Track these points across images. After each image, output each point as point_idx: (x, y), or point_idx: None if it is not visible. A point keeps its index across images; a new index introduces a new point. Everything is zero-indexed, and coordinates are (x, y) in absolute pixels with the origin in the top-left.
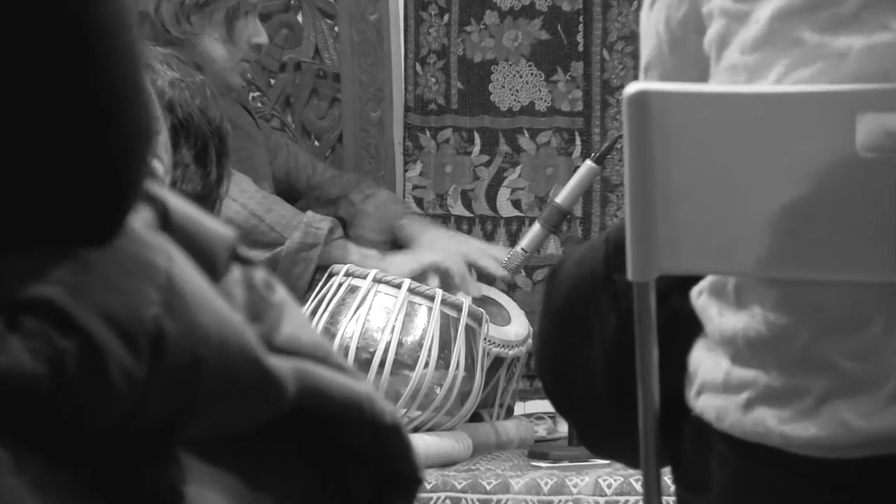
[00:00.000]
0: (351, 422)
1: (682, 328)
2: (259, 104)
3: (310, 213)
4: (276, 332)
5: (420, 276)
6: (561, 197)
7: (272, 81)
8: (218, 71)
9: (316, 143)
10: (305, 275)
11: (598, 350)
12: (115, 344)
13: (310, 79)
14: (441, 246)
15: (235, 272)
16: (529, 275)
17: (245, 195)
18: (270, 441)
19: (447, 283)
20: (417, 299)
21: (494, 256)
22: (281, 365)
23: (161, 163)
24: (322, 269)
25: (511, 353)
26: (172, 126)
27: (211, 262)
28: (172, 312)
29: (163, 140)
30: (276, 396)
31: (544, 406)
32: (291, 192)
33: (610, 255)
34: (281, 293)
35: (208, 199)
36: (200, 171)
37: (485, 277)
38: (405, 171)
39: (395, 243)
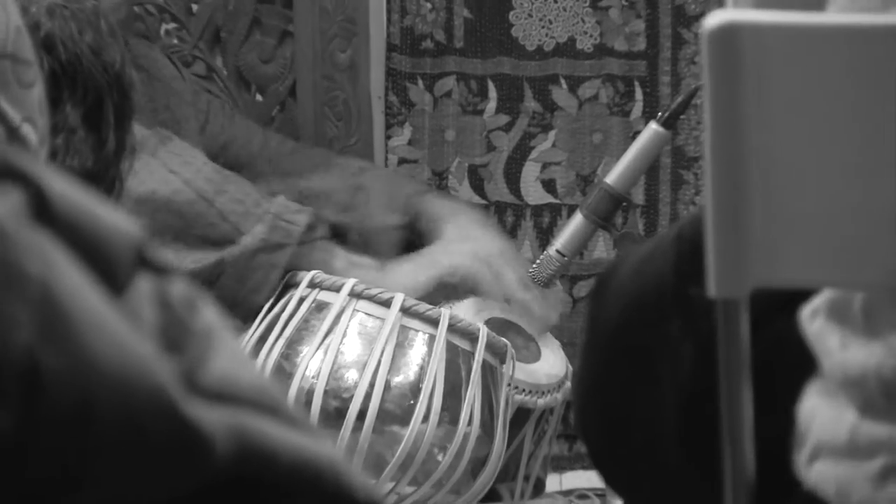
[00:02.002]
0: (306, 498)
1: (787, 365)
2: (175, 40)
3: (281, 199)
4: (201, 370)
5: (435, 294)
6: (613, 176)
7: (194, 7)
8: None
9: (258, 96)
10: (265, 286)
11: (668, 397)
12: None
13: (249, 4)
14: (467, 245)
15: (144, 284)
16: (568, 288)
17: (190, 169)
18: None
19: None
20: (414, 322)
21: (518, 269)
22: (208, 415)
23: (34, 126)
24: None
25: (541, 402)
26: (52, 73)
27: (108, 268)
28: (51, 339)
29: (37, 94)
30: (199, 459)
31: (589, 479)
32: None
33: (684, 259)
34: (209, 316)
35: (104, 178)
36: (92, 138)
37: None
38: (387, 137)
39: (407, 244)
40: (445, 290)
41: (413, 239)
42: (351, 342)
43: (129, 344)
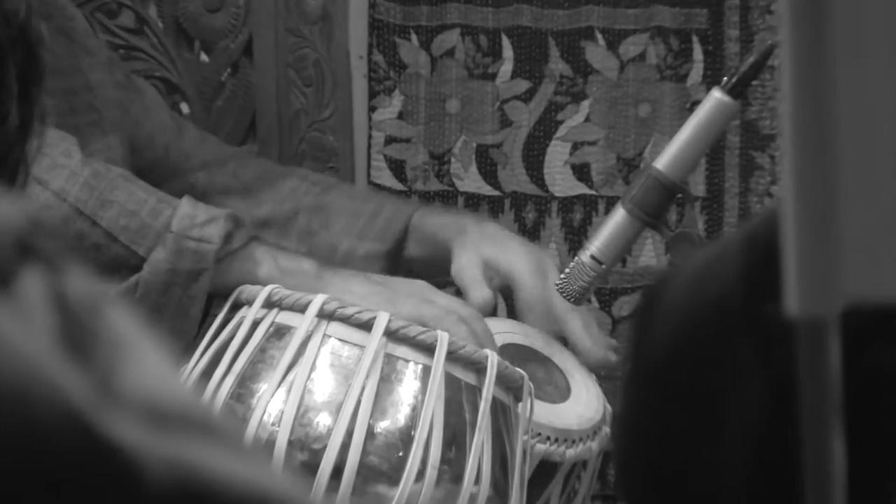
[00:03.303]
0: None
1: (888, 403)
2: None
3: (186, 203)
4: (116, 382)
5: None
6: (665, 160)
7: None
8: None
9: (202, 56)
10: (187, 324)
11: (735, 446)
12: None
13: None
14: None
15: (33, 281)
16: (605, 305)
17: (61, 174)
18: None
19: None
20: (403, 349)
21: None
22: (134, 437)
23: None
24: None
25: (571, 453)
26: None
27: None
28: None
29: None
30: (123, 489)
31: None
32: (158, 175)
33: (756, 268)
34: (118, 319)
35: (3, 162)
36: None
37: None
38: (371, 109)
39: (399, 261)
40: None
41: (398, 272)
42: (321, 377)
43: (21, 350)
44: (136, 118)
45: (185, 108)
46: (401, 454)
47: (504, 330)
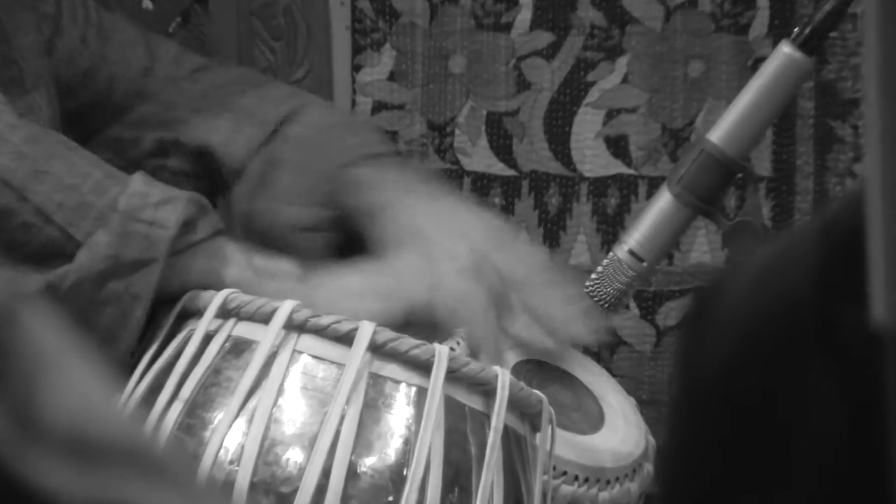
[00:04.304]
0: None
1: None
2: None
3: (139, 179)
4: (35, 407)
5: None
6: (721, 131)
7: None
8: None
9: (146, 2)
10: (124, 331)
11: (807, 485)
12: None
13: None
14: (441, 248)
15: None
16: (647, 313)
17: None
18: None
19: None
20: (392, 368)
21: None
22: (52, 478)
23: None
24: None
25: (605, 496)
26: None
27: None
28: None
29: None
30: None
31: None
32: (99, 117)
33: (834, 268)
34: (38, 332)
35: None
36: None
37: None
38: (355, 69)
39: (344, 234)
40: (423, 327)
41: (348, 243)
42: (291, 403)
43: None
44: (64, 55)
45: None
46: (391, 499)
47: (518, 342)
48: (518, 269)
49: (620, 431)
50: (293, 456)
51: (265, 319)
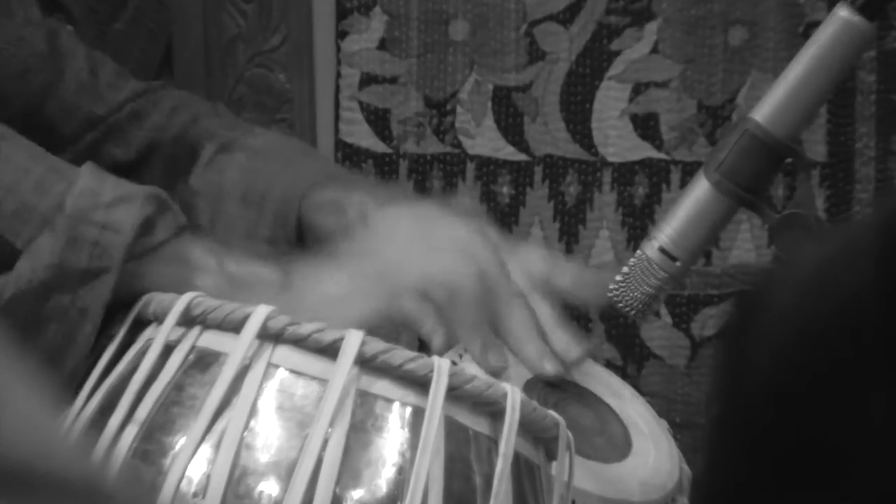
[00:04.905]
0: None
1: None
2: None
3: (88, 173)
4: None
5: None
6: (767, 109)
7: None
8: None
9: None
10: (70, 350)
11: None
12: None
13: None
14: (423, 248)
15: None
16: (682, 321)
17: None
18: None
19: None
20: (383, 385)
21: (572, 277)
22: None
23: None
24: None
25: None
26: None
27: None
28: None
29: None
30: None
31: None
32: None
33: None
34: None
35: None
36: None
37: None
38: (340, 35)
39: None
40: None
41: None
42: (266, 426)
43: None
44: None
45: None
46: None
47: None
48: (518, 279)
49: (650, 460)
50: (268, 488)
51: (235, 328)
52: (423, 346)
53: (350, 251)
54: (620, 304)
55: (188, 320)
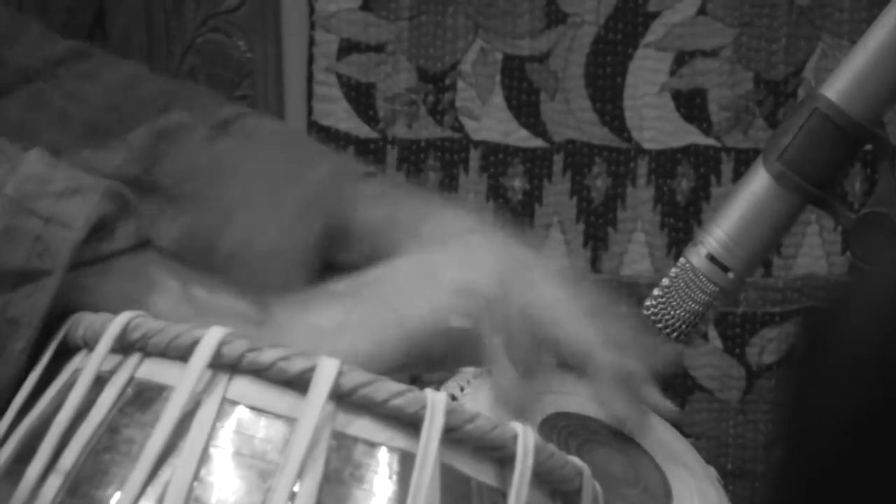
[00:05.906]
0: None
1: None
2: None
3: (36, 158)
4: None
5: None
6: (841, 85)
7: None
8: None
9: None
10: (2, 363)
11: None
12: None
13: None
14: (460, 261)
15: None
16: (735, 344)
17: None
18: None
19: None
20: (364, 425)
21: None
22: None
23: None
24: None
25: None
26: None
27: None
28: None
29: None
30: None
31: None
32: None
33: None
34: None
35: None
36: None
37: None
38: (313, 11)
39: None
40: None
41: (331, 268)
42: (220, 476)
43: None
44: None
45: None
46: None
47: (554, 389)
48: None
49: None
50: None
51: (182, 355)
52: (415, 381)
53: (349, 284)
54: (660, 325)
55: (125, 346)
